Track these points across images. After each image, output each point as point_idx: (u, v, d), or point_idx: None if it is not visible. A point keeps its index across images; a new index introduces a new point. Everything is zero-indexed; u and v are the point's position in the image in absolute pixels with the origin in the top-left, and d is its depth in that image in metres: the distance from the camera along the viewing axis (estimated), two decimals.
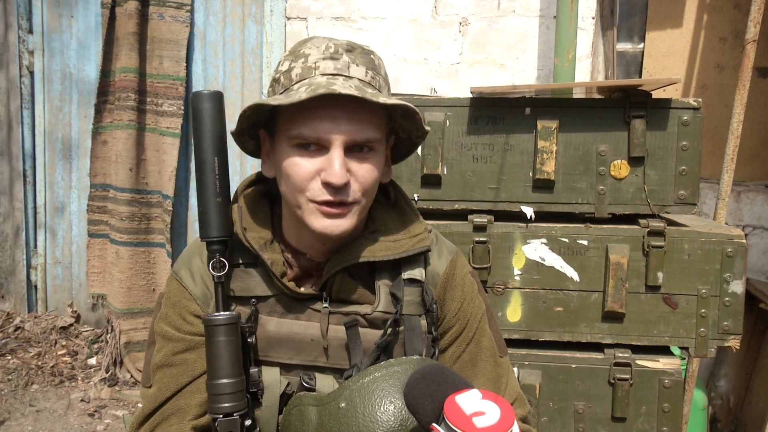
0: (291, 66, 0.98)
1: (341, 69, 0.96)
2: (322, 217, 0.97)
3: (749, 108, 2.74)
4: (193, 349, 1.05)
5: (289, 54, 1.02)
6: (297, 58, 0.98)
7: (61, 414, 3.05)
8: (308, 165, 0.96)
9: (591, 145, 1.70)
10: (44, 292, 3.81)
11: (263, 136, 1.06)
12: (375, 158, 1.00)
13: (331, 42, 0.99)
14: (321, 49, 0.97)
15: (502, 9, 3.15)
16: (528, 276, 1.71)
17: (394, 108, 1.00)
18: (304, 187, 0.97)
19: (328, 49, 0.97)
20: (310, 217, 0.98)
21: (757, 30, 2.36)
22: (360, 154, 0.98)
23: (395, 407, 0.90)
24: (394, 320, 1.03)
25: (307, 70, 0.96)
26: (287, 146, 0.98)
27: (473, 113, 1.72)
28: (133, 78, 3.36)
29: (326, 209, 0.97)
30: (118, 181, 3.40)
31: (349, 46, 0.99)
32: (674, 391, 1.67)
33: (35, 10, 3.65)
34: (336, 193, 0.96)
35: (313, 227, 0.98)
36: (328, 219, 0.97)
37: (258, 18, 3.45)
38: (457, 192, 1.75)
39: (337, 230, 0.98)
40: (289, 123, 0.97)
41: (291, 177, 0.97)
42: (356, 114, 0.95)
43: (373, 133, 0.98)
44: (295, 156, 0.97)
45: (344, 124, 0.94)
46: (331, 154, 0.95)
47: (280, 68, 1.01)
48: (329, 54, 0.97)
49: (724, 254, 1.65)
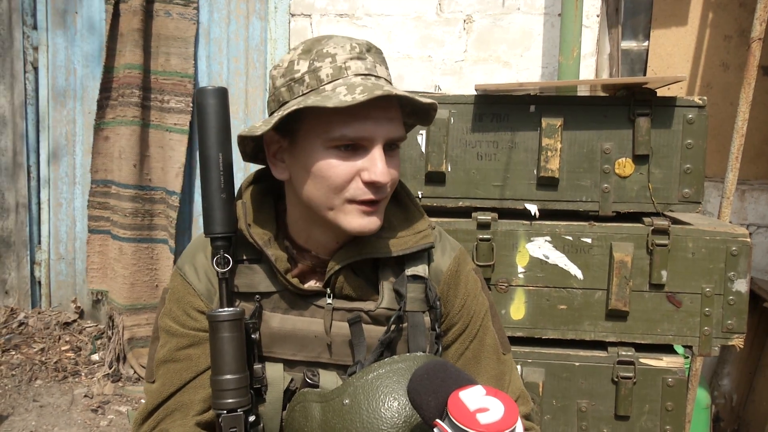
0: (316, 65, 0.96)
1: (371, 69, 0.97)
2: (360, 216, 0.98)
3: (754, 106, 2.73)
4: (197, 344, 1.05)
5: (303, 53, 0.98)
6: (321, 58, 0.96)
7: (65, 409, 3.06)
8: (347, 165, 0.96)
9: (595, 143, 1.70)
10: (48, 288, 3.82)
11: (272, 137, 1.03)
12: (398, 154, 1.04)
13: (353, 41, 0.98)
14: (347, 48, 0.97)
15: (507, 6, 3.15)
16: (532, 274, 1.71)
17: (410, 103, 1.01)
18: (343, 188, 0.97)
19: (354, 49, 0.97)
20: (347, 218, 0.98)
21: (762, 28, 2.35)
22: (390, 152, 1.00)
23: (399, 404, 0.90)
24: (397, 317, 1.03)
25: (339, 70, 0.95)
26: (321, 148, 0.96)
27: (478, 110, 1.72)
28: (138, 74, 3.36)
29: (366, 208, 0.98)
30: (121, 178, 3.41)
31: (368, 46, 0.99)
32: (677, 389, 1.67)
33: (39, 6, 3.65)
34: (377, 191, 0.98)
35: (351, 227, 0.99)
36: (367, 217, 0.99)
37: (262, 14, 3.45)
38: (461, 189, 1.75)
39: (373, 227, 1.00)
40: (326, 125, 0.95)
41: (328, 178, 0.97)
42: (390, 113, 0.97)
43: (402, 131, 1.01)
44: (331, 158, 0.96)
45: (385, 123, 0.96)
46: (374, 154, 0.96)
47: (296, 67, 0.98)
48: (356, 54, 0.97)
49: (728, 253, 1.64)
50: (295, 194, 1.04)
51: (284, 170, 1.04)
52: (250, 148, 1.07)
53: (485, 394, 0.78)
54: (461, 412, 0.76)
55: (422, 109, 1.04)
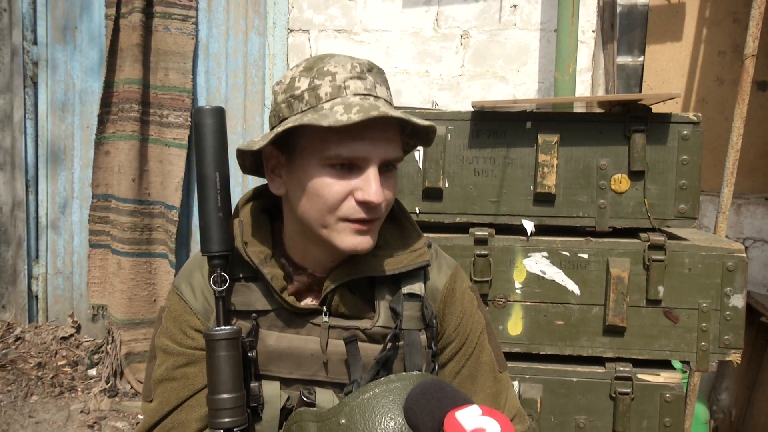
0: (316, 83, 0.97)
1: (370, 89, 0.97)
2: (353, 235, 0.98)
3: (749, 121, 2.74)
4: (193, 363, 1.05)
5: (305, 71, 0.99)
6: (321, 76, 0.97)
7: (61, 425, 3.04)
8: (341, 185, 0.96)
9: (591, 159, 1.71)
10: (45, 303, 3.81)
11: (271, 152, 1.04)
12: (395, 175, 1.03)
13: (354, 61, 0.99)
14: (347, 68, 0.97)
15: (503, 22, 3.17)
16: (529, 289, 1.71)
17: (409, 124, 1.01)
18: (337, 206, 0.97)
19: (354, 69, 0.97)
20: (340, 236, 0.98)
21: (755, 45, 2.37)
22: (387, 173, 1.00)
23: (395, 424, 0.90)
24: (393, 335, 1.03)
25: (337, 89, 0.96)
26: (317, 165, 0.97)
27: (474, 127, 1.73)
28: (137, 89, 3.38)
29: (359, 227, 0.98)
30: (120, 192, 3.41)
31: (369, 66, 0.99)
32: (675, 405, 1.67)
33: (40, 21, 3.68)
34: (371, 211, 0.97)
35: (343, 245, 0.99)
36: (360, 236, 0.99)
37: (261, 30, 3.48)
38: (458, 205, 1.75)
39: (366, 246, 1.00)
40: (321, 143, 0.96)
41: (322, 197, 0.97)
42: (388, 134, 0.97)
43: (399, 151, 1.01)
44: (326, 176, 0.96)
45: (381, 144, 0.96)
46: (368, 174, 0.96)
47: (297, 84, 0.99)
48: (356, 74, 0.97)
49: (724, 268, 1.65)
50: (291, 210, 1.04)
51: (281, 185, 1.04)
52: (250, 162, 1.07)
53: (481, 414, 0.78)
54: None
55: (422, 131, 1.04)
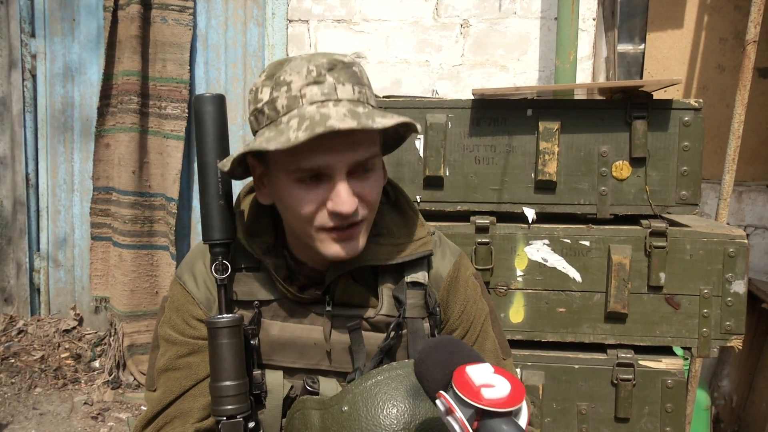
0: (274, 95, 0.93)
1: (328, 93, 0.91)
2: (333, 243, 0.96)
3: (750, 108, 2.74)
4: (196, 352, 1.05)
5: (267, 79, 0.95)
6: (278, 86, 0.93)
7: (65, 417, 3.05)
8: (311, 196, 0.93)
9: (593, 146, 1.70)
10: (47, 295, 3.81)
11: (253, 163, 1.01)
12: (376, 172, 0.98)
13: (311, 63, 0.92)
14: (302, 74, 0.91)
15: (504, 11, 3.15)
16: (530, 277, 1.71)
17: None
18: (312, 218, 0.94)
19: (311, 73, 0.91)
20: (323, 245, 0.96)
21: (757, 31, 2.36)
22: (362, 174, 0.95)
23: (398, 410, 0.90)
24: (397, 323, 1.03)
25: (293, 99, 0.91)
26: (287, 179, 0.94)
27: (475, 115, 1.73)
28: (136, 81, 3.37)
29: (337, 235, 0.95)
30: (120, 184, 3.41)
31: (330, 64, 0.93)
32: (677, 391, 1.67)
33: (38, 14, 3.66)
34: (345, 219, 0.94)
35: (327, 253, 0.97)
36: (340, 243, 0.96)
37: (260, 21, 3.46)
38: (459, 193, 1.75)
39: (350, 253, 0.97)
40: (284, 157, 0.92)
41: (295, 210, 0.95)
42: (353, 137, 0.91)
43: (371, 149, 0.95)
44: (295, 189, 0.94)
45: (345, 151, 0.91)
46: (336, 184, 0.92)
47: (260, 96, 0.95)
48: (312, 78, 0.91)
49: (725, 254, 1.65)
50: None
51: (268, 195, 1.02)
52: (239, 173, 1.04)
53: (493, 372, 0.76)
54: (466, 386, 0.73)
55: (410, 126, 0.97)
